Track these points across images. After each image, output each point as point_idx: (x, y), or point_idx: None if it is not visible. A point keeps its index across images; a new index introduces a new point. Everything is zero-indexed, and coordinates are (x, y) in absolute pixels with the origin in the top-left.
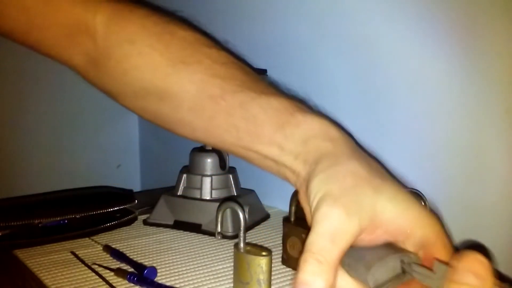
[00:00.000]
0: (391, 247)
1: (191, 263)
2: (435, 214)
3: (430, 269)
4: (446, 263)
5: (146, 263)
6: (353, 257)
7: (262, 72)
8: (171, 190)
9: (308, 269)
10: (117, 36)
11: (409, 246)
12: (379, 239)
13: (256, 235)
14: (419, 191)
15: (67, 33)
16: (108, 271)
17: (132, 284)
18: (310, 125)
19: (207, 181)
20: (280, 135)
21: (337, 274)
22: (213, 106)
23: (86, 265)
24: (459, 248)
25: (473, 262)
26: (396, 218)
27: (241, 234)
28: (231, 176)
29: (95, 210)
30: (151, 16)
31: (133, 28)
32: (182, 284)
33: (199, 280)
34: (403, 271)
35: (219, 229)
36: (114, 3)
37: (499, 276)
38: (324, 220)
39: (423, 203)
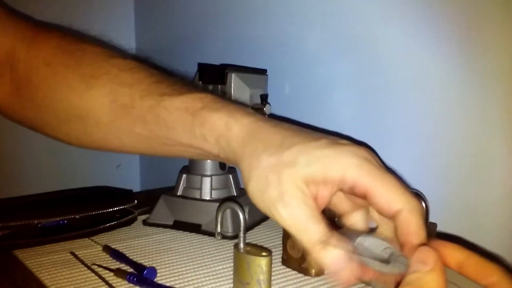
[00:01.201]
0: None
1: (191, 264)
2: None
3: None
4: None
5: (146, 263)
6: (353, 234)
7: (262, 72)
8: (171, 190)
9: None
10: (35, 59)
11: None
12: (327, 193)
13: (256, 235)
14: (419, 191)
15: None
16: (107, 271)
17: (131, 285)
18: (213, 124)
19: (207, 181)
20: (190, 137)
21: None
22: (127, 115)
23: (86, 265)
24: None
25: (423, 253)
26: (321, 175)
27: (241, 234)
28: (231, 176)
29: (95, 210)
30: (67, 36)
31: (50, 50)
32: (182, 285)
33: (199, 280)
34: (388, 261)
35: (219, 229)
36: (36, 27)
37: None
38: (280, 219)
39: (423, 203)
